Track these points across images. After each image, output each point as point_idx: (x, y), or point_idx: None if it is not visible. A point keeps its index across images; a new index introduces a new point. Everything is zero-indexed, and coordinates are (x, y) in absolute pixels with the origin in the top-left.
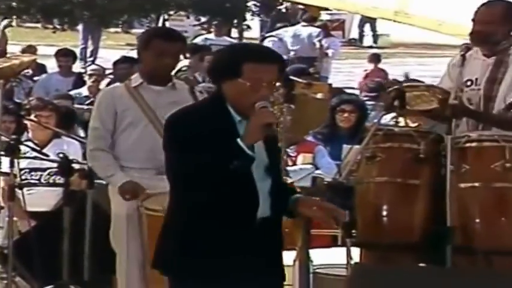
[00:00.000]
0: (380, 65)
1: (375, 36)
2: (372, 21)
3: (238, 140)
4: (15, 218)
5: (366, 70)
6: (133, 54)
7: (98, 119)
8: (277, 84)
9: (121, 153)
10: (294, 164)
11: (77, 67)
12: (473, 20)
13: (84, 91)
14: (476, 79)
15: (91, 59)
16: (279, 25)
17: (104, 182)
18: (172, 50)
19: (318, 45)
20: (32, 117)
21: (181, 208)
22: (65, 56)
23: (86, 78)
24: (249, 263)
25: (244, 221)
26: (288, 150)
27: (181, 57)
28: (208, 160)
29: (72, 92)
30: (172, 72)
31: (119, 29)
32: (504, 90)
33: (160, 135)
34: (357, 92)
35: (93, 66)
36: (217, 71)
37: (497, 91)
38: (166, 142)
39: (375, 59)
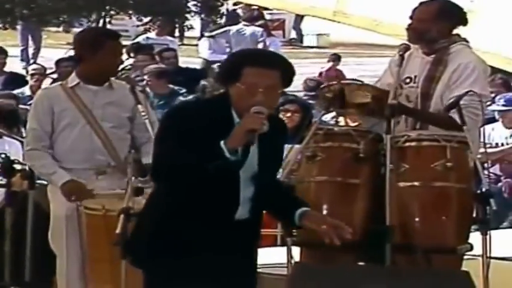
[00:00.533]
0: (320, 65)
1: (301, 36)
2: (298, 20)
3: (222, 142)
4: None
5: (322, 68)
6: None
7: (35, 120)
8: (280, 90)
9: (59, 154)
10: None
11: (18, 67)
12: (410, 17)
13: (26, 91)
14: (415, 76)
15: (33, 59)
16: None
17: (45, 183)
18: (121, 48)
19: (261, 45)
20: None
21: (160, 202)
22: None
23: (28, 78)
24: (221, 263)
25: (220, 222)
26: None
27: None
28: (186, 158)
29: (15, 91)
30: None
31: (59, 28)
32: (441, 89)
33: (97, 135)
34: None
35: (34, 66)
36: (223, 74)
37: (434, 90)
38: (158, 133)
39: (336, 59)
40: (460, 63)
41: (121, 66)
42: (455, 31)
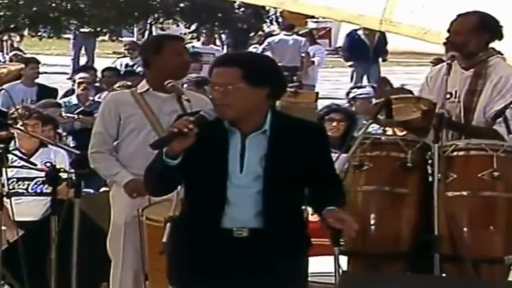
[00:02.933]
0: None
1: None
2: None
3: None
4: (3, 227)
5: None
6: (120, 62)
7: (101, 124)
8: (237, 85)
9: (123, 159)
10: None
11: (62, 77)
12: (448, 30)
13: (73, 99)
14: (456, 91)
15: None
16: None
17: (92, 191)
18: (183, 48)
19: (304, 54)
20: (19, 126)
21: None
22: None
23: (75, 86)
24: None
25: (206, 231)
26: None
27: None
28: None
29: (61, 100)
30: None
31: (105, 37)
32: (483, 102)
33: None
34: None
35: (82, 74)
36: None
37: (476, 103)
38: None
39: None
40: (501, 75)
41: None
42: (491, 44)
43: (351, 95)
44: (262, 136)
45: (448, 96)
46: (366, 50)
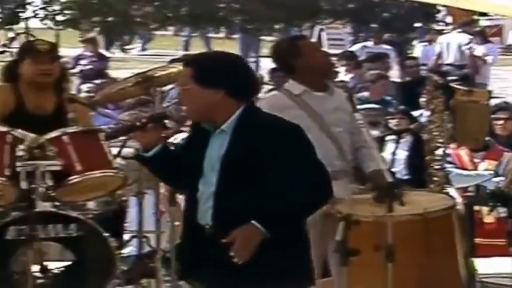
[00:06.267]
0: None
1: None
2: None
3: None
4: (176, 223)
5: None
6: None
7: None
8: (188, 86)
9: None
10: (475, 169)
11: None
12: None
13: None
14: None
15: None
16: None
17: None
18: (316, 45)
19: (468, 52)
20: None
21: None
22: None
23: None
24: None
25: (188, 227)
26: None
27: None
28: None
29: None
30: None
31: (273, 38)
32: None
33: (332, 140)
34: None
35: None
36: None
37: None
38: None
39: None
40: None
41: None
42: None
43: None
44: (224, 135)
45: None
46: None
